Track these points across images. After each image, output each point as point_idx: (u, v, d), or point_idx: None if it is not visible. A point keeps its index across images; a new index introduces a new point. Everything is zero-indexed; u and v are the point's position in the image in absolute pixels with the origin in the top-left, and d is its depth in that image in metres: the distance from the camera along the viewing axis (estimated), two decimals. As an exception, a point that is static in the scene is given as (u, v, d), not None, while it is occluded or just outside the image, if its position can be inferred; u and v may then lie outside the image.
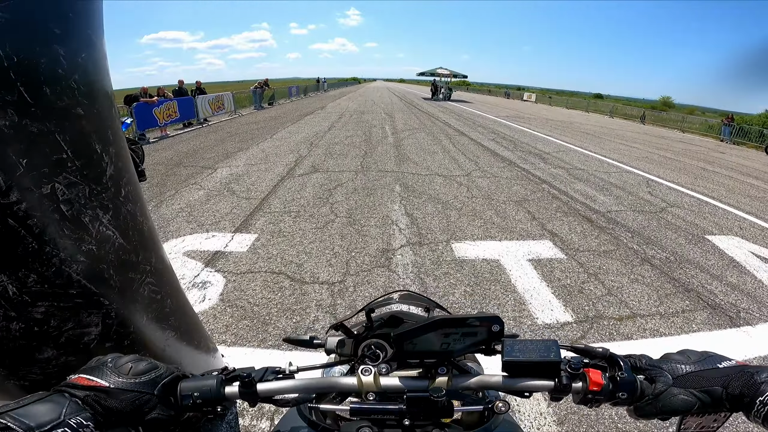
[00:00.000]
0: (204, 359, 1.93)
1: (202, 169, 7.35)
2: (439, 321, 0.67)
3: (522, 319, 3.09)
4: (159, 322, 1.50)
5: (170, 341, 1.58)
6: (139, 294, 1.36)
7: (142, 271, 1.38)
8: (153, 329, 1.46)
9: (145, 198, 1.50)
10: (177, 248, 4.07)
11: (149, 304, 1.43)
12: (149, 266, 1.43)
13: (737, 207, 6.63)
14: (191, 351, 1.80)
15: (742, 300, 3.58)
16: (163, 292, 1.52)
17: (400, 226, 4.86)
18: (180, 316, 1.69)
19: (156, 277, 1.46)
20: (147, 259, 1.41)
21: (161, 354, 1.51)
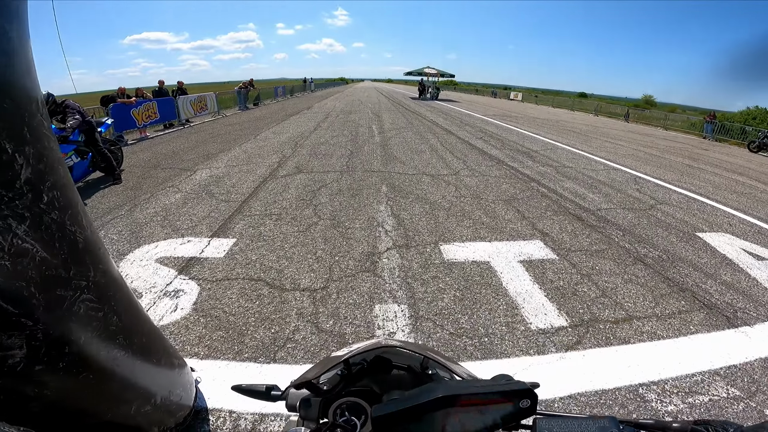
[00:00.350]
0: (167, 375, 1.77)
1: (181, 171, 7.07)
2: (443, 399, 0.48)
3: (515, 324, 2.93)
4: (104, 341, 1.32)
5: (121, 360, 1.40)
6: (72, 312, 1.18)
7: (75, 288, 1.19)
8: (96, 349, 1.28)
9: (81, 204, 1.29)
10: (149, 255, 3.82)
11: (88, 323, 1.24)
12: (85, 281, 1.23)
13: (725, 203, 6.61)
14: (150, 368, 1.63)
15: (738, 299, 3.49)
16: (107, 308, 1.33)
17: (387, 227, 4.67)
18: (133, 333, 1.51)
19: (96, 293, 1.28)
20: (82, 274, 1.22)
21: (111, 374, 1.34)
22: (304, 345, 2.62)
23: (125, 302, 1.50)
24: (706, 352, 2.72)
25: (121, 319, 1.41)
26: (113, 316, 1.36)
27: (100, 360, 1.29)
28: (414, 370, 0.80)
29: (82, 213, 1.27)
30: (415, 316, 2.97)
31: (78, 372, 1.19)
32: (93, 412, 1.34)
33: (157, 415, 1.65)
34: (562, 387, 2.34)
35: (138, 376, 1.50)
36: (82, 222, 1.26)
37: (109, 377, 1.33)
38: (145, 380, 1.55)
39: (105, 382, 1.32)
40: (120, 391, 1.41)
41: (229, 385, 2.23)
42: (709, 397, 2.32)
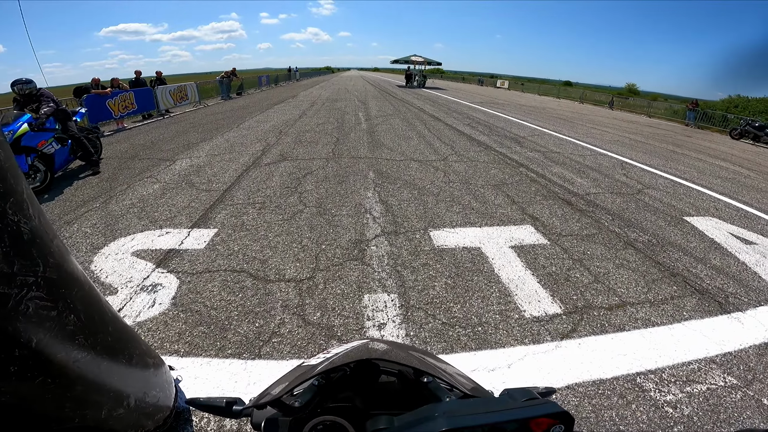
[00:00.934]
0: (140, 375, 1.64)
1: (159, 162, 6.80)
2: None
3: (509, 312, 2.85)
4: (61, 342, 1.17)
5: (83, 362, 1.26)
6: (20, 312, 1.03)
7: (21, 285, 1.04)
8: (53, 350, 1.14)
9: (29, 191, 1.13)
10: (125, 248, 3.63)
11: (40, 323, 1.10)
12: (33, 277, 1.08)
13: (710, 188, 6.66)
14: (119, 369, 1.49)
15: (728, 284, 3.47)
16: (61, 306, 1.19)
17: (374, 214, 4.54)
18: (96, 332, 1.37)
19: (47, 290, 1.13)
20: (28, 269, 1.07)
21: (73, 377, 1.21)
22: (290, 339, 2.49)
23: (85, 299, 1.35)
24: (700, 340, 2.69)
25: (80, 318, 1.27)
26: (70, 315, 1.22)
27: (59, 362, 1.16)
28: (406, 377, 0.68)
29: (28, 201, 1.12)
30: (405, 305, 2.87)
31: (33, 376, 1.07)
32: (58, 418, 1.21)
33: (133, 418, 1.53)
34: (559, 377, 2.26)
35: (105, 378, 1.38)
36: (27, 211, 1.10)
37: (72, 380, 1.21)
38: (114, 382, 1.42)
39: (67, 386, 1.19)
40: (86, 395, 1.28)
41: (212, 383, 2.12)
42: (707, 386, 2.27)
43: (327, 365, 0.58)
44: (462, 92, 29.60)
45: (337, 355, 0.64)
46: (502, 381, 2.21)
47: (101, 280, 3.08)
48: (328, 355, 0.66)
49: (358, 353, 0.63)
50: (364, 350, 0.64)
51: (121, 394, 1.45)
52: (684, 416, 2.05)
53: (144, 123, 11.77)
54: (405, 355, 0.64)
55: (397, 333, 2.57)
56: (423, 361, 0.63)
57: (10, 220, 1.03)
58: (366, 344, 0.69)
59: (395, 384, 0.68)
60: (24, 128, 5.19)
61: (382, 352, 0.63)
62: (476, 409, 0.45)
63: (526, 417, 0.40)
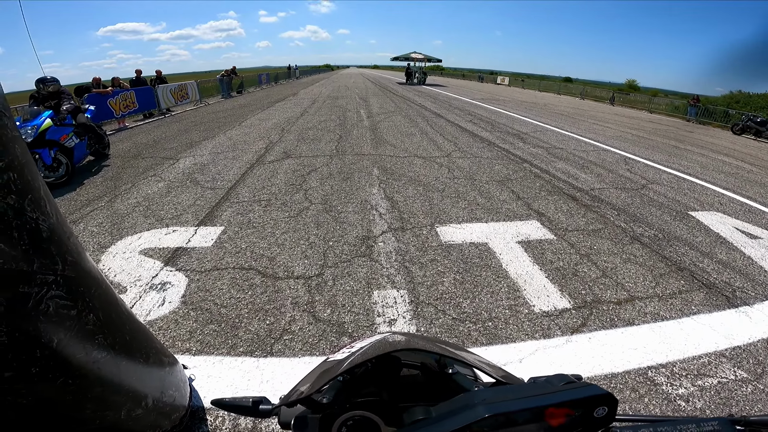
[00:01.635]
0: (157, 375, 1.63)
1: (163, 160, 6.79)
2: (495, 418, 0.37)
3: (518, 307, 2.85)
4: (81, 342, 1.16)
5: (103, 362, 1.26)
6: (40, 311, 1.02)
7: (41, 283, 1.03)
8: (73, 351, 1.13)
9: (45, 188, 1.12)
10: (132, 246, 3.63)
11: (60, 322, 1.09)
12: (52, 275, 1.07)
13: (714, 183, 6.65)
14: (138, 368, 1.48)
15: (735, 278, 3.47)
16: (81, 305, 1.17)
17: (380, 210, 4.54)
18: (114, 331, 1.35)
19: (67, 288, 1.12)
20: (47, 267, 1.06)
21: (93, 377, 1.20)
22: (301, 336, 2.49)
23: (103, 298, 1.34)
24: (709, 334, 2.69)
25: (98, 317, 1.26)
26: (89, 314, 1.21)
27: (79, 363, 1.15)
28: (429, 368, 0.68)
29: (46, 198, 1.11)
30: (415, 301, 2.87)
31: (55, 377, 1.06)
32: (79, 419, 1.21)
33: (151, 418, 1.52)
34: (571, 371, 2.23)
35: (124, 378, 1.37)
36: (45, 208, 1.09)
37: (92, 381, 1.20)
38: (132, 382, 1.41)
39: (87, 387, 1.19)
40: (106, 396, 1.28)
41: (225, 382, 2.12)
42: (718, 380, 2.28)
43: (351, 362, 0.58)
44: (462, 89, 29.51)
45: (361, 349, 0.63)
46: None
47: (110, 279, 3.09)
48: (352, 350, 0.66)
49: (380, 346, 0.63)
50: (384, 344, 0.64)
51: (139, 394, 1.44)
52: (697, 409, 2.06)
53: (145, 122, 11.76)
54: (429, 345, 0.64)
55: (408, 329, 2.58)
56: (446, 350, 0.63)
57: (29, 218, 1.01)
58: (385, 338, 0.69)
59: (419, 377, 0.68)
60: (47, 123, 5.43)
61: (402, 343, 0.63)
62: (515, 394, 0.45)
63: (570, 399, 0.40)
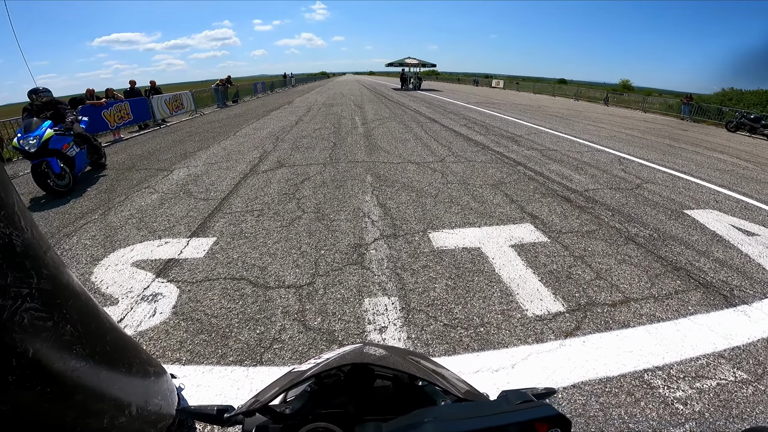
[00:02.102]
0: (142, 384, 1.63)
1: (157, 172, 6.78)
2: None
3: (511, 312, 2.83)
4: (58, 351, 1.18)
5: (82, 370, 1.27)
6: (15, 323, 1.04)
7: (15, 296, 1.05)
8: (50, 359, 1.15)
9: (20, 203, 1.13)
10: (125, 258, 3.61)
11: (36, 333, 1.10)
12: (27, 289, 1.10)
13: (709, 180, 6.65)
14: (120, 377, 1.49)
15: (733, 276, 3.45)
16: (57, 317, 1.19)
17: (373, 218, 4.53)
18: (94, 341, 1.37)
19: (42, 301, 1.14)
20: (22, 281, 1.09)
21: (73, 386, 1.22)
22: (291, 345, 2.47)
23: (82, 309, 1.36)
24: (707, 334, 2.65)
25: (76, 328, 1.27)
26: (66, 325, 1.23)
27: (57, 371, 1.17)
28: (401, 381, 0.67)
29: (20, 213, 1.12)
30: (406, 308, 2.85)
31: (32, 385, 1.08)
32: (60, 426, 1.21)
33: (136, 426, 1.53)
34: (564, 376, 2.24)
35: (105, 387, 1.38)
36: (19, 223, 1.11)
37: (71, 389, 1.21)
38: (114, 390, 1.42)
39: (67, 395, 1.20)
40: (86, 403, 1.28)
41: (214, 391, 2.10)
42: (717, 382, 2.24)
43: (318, 368, 0.57)
44: (457, 93, 29.66)
45: (330, 359, 0.62)
46: (506, 381, 2.19)
47: (102, 291, 3.07)
48: (318, 360, 0.65)
49: (352, 357, 0.62)
50: (359, 354, 0.63)
51: (122, 402, 1.45)
52: (695, 412, 2.02)
53: (140, 133, 11.78)
54: (401, 359, 0.63)
55: (399, 336, 2.56)
56: (418, 366, 0.61)
57: (2, 233, 1.03)
58: (361, 348, 0.67)
59: (390, 388, 0.67)
60: (49, 132, 5.48)
61: (376, 357, 0.62)
62: (467, 413, 0.43)
63: (519, 421, 0.39)
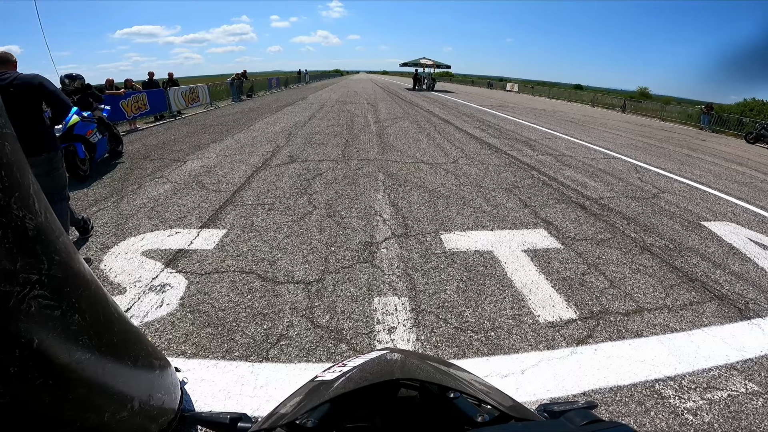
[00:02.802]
0: (146, 377, 1.59)
1: (171, 162, 6.83)
2: None
3: (522, 317, 2.77)
4: (64, 342, 1.13)
5: (87, 363, 1.22)
6: (21, 311, 0.99)
7: (23, 283, 1.00)
8: (55, 351, 1.10)
9: (36, 186, 1.10)
10: (135, 247, 3.62)
11: (43, 322, 1.06)
12: (36, 275, 1.05)
13: (727, 192, 6.49)
14: (124, 370, 1.45)
15: (748, 290, 3.36)
16: (66, 306, 1.14)
17: (385, 216, 4.49)
18: (101, 332, 1.32)
19: (51, 288, 1.09)
20: (32, 267, 1.03)
21: (76, 378, 1.17)
22: (298, 342, 2.44)
23: (91, 298, 1.31)
24: (720, 346, 2.59)
25: (85, 318, 1.22)
26: (74, 315, 1.18)
27: (61, 363, 1.12)
28: (429, 391, 0.62)
29: (35, 196, 1.09)
30: (416, 309, 2.81)
31: (34, 377, 1.03)
32: (58, 420, 1.17)
33: (137, 421, 1.48)
34: (575, 383, 2.19)
35: (109, 380, 1.33)
36: (33, 207, 1.07)
37: (74, 382, 1.17)
38: (118, 384, 1.38)
39: (69, 388, 1.16)
40: (88, 397, 1.24)
41: (218, 386, 2.08)
42: (728, 393, 2.19)
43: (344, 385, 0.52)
44: (471, 95, 29.48)
45: (355, 369, 0.58)
46: (515, 387, 2.14)
47: (110, 280, 3.07)
48: (344, 369, 0.60)
49: (377, 368, 0.57)
50: (384, 364, 0.59)
51: (125, 397, 1.41)
52: (704, 423, 1.97)
53: (156, 124, 11.89)
54: (431, 369, 0.58)
55: (408, 337, 2.52)
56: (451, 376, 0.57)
57: (15, 215, 0.99)
58: (384, 356, 0.63)
59: (416, 399, 0.63)
60: (75, 119, 5.55)
61: (402, 365, 0.57)
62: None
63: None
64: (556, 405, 0.59)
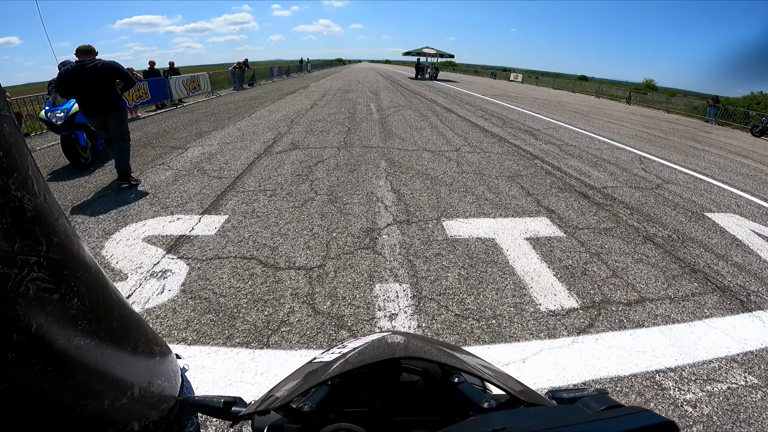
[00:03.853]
0: (146, 364, 1.57)
1: (172, 150, 6.80)
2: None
3: (524, 305, 2.76)
4: (63, 326, 1.11)
5: (86, 348, 1.20)
6: (19, 294, 0.98)
7: (21, 264, 0.98)
8: (54, 336, 1.08)
9: (35, 167, 1.08)
10: (136, 233, 3.62)
11: (41, 306, 1.04)
12: (35, 257, 1.02)
13: (731, 184, 6.43)
14: (124, 357, 1.42)
15: (750, 282, 3.33)
16: (65, 289, 1.12)
17: (386, 203, 4.47)
18: (100, 317, 1.30)
19: (50, 271, 1.07)
20: (30, 248, 1.01)
21: (75, 365, 1.15)
22: (299, 328, 2.44)
23: (91, 282, 1.28)
24: (721, 338, 2.58)
25: (84, 302, 1.20)
26: (73, 298, 1.15)
27: (60, 349, 1.10)
28: (432, 375, 0.60)
29: (34, 177, 1.06)
30: (417, 296, 2.80)
31: (32, 363, 1.02)
32: (57, 407, 1.15)
33: (137, 408, 1.46)
34: (575, 373, 2.18)
35: (109, 366, 1.31)
36: (32, 188, 1.05)
37: (73, 368, 1.15)
38: (118, 370, 1.35)
39: (68, 374, 1.14)
40: (87, 384, 1.22)
41: (219, 373, 2.07)
42: (728, 385, 2.18)
43: (342, 366, 0.50)
44: (475, 85, 29.20)
45: (355, 350, 0.56)
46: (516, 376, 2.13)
47: (112, 266, 3.07)
48: (344, 350, 0.58)
49: (377, 349, 0.55)
50: (385, 345, 0.57)
51: (125, 384, 1.39)
52: (703, 415, 1.97)
53: (157, 112, 11.82)
54: (435, 350, 0.56)
55: (409, 324, 2.51)
56: (453, 359, 0.55)
57: (13, 196, 0.97)
58: (385, 338, 0.61)
59: (419, 384, 0.61)
60: (76, 107, 5.47)
61: (405, 346, 0.55)
62: (547, 420, 0.36)
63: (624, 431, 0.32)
64: (565, 392, 0.57)
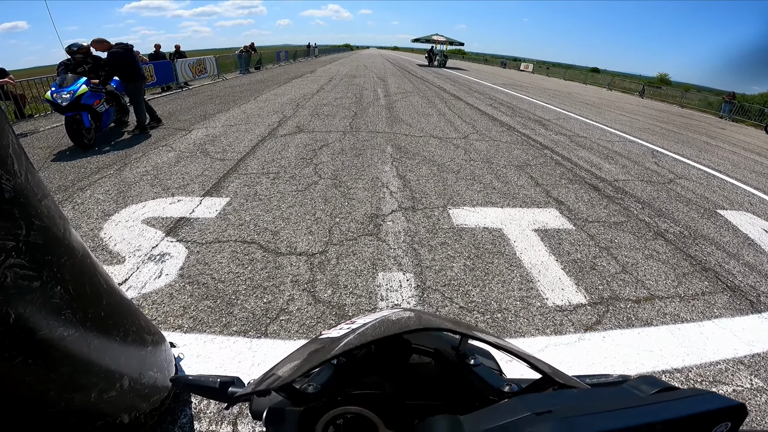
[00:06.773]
0: (137, 354, 1.49)
1: (176, 131, 6.71)
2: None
3: (530, 300, 2.68)
4: (45, 316, 1.04)
5: (70, 339, 1.12)
6: None
7: None
8: (35, 326, 1.01)
9: (16, 145, 0.99)
10: (136, 215, 3.55)
11: (20, 295, 0.96)
12: (13, 241, 0.94)
13: (745, 182, 6.29)
14: (113, 347, 1.34)
15: (761, 282, 3.24)
16: (46, 276, 1.04)
17: (392, 189, 4.38)
18: (86, 306, 1.22)
19: (30, 256, 0.98)
20: (8, 232, 0.93)
21: (61, 354, 1.09)
22: (299, 317, 2.37)
23: (76, 268, 1.19)
24: (730, 339, 2.51)
25: (68, 290, 1.12)
26: (56, 286, 1.07)
27: (42, 340, 1.04)
28: (445, 356, 0.54)
29: (14, 156, 0.97)
30: (421, 286, 2.72)
31: (11, 356, 0.96)
32: (40, 401, 1.10)
33: (127, 401, 1.40)
34: (580, 371, 2.11)
35: (96, 357, 1.24)
36: (11, 167, 0.95)
37: (57, 360, 1.09)
38: (105, 361, 1.28)
39: (51, 367, 1.08)
40: (73, 376, 1.16)
41: (215, 362, 1.99)
42: (733, 388, 2.12)
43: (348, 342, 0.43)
44: (484, 73, 28.78)
45: (364, 326, 0.49)
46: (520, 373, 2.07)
47: (109, 248, 3.01)
48: (353, 326, 0.51)
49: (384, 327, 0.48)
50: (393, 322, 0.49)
51: (114, 375, 1.32)
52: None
53: (163, 95, 11.71)
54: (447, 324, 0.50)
55: (412, 314, 2.44)
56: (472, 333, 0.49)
57: None
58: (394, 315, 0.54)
59: (431, 366, 0.55)
60: (83, 88, 5.60)
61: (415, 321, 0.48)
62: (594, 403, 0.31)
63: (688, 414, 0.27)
64: (589, 378, 0.53)
